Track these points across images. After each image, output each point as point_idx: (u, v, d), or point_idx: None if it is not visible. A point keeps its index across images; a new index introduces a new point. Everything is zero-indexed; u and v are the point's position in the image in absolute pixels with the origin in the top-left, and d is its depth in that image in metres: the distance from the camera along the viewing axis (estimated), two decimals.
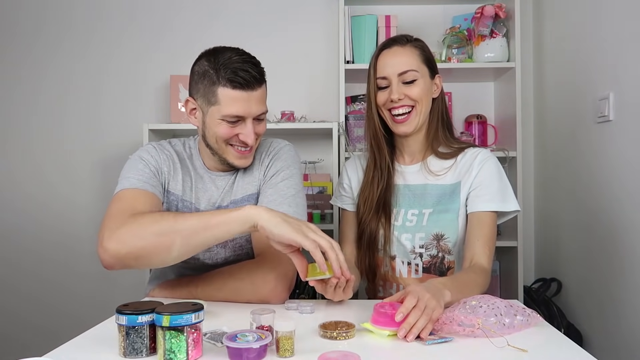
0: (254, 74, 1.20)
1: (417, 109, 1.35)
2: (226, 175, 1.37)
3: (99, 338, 0.99)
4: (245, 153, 1.27)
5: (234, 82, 1.18)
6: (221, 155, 1.28)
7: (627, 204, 1.66)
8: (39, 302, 2.46)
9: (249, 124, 1.23)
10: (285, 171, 1.34)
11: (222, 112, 1.20)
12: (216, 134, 1.24)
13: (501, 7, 2.21)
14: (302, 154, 2.42)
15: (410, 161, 1.45)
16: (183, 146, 1.39)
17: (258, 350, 0.83)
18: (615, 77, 1.73)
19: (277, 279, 1.19)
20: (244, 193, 1.35)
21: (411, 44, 1.38)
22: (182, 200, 1.30)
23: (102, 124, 2.47)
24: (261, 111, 1.24)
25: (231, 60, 1.19)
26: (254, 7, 2.47)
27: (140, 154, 1.29)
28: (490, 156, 1.39)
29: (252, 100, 1.21)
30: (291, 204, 1.29)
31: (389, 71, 1.35)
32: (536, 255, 2.41)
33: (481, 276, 1.24)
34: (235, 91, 1.18)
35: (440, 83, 1.42)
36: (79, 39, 2.48)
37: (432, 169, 1.40)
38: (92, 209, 2.46)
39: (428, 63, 1.38)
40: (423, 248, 1.36)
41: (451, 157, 1.40)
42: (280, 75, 2.45)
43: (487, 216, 1.32)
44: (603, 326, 1.84)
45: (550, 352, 0.92)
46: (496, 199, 1.33)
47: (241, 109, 1.20)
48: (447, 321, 0.97)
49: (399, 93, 1.33)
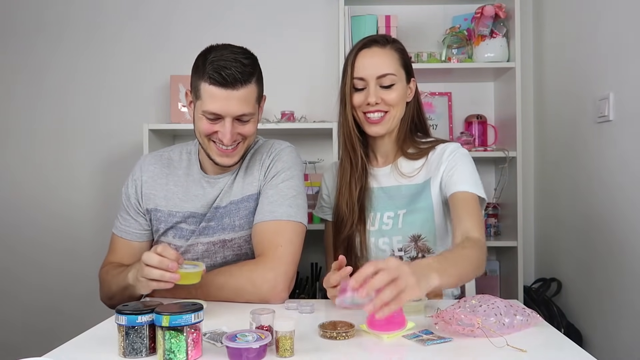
0: (237, 73, 1.19)
1: (390, 113, 1.34)
2: (224, 176, 1.38)
3: (99, 338, 0.99)
4: (226, 152, 1.28)
5: (213, 79, 1.19)
6: (206, 151, 1.30)
7: (627, 204, 1.66)
8: (39, 302, 2.46)
9: (227, 123, 1.23)
10: (286, 172, 1.35)
11: (202, 108, 1.23)
12: (198, 128, 1.27)
13: (501, 7, 2.21)
14: (302, 154, 2.40)
15: (383, 163, 1.44)
16: (180, 154, 1.44)
17: (258, 350, 0.83)
18: (615, 77, 1.73)
19: (277, 279, 1.20)
20: (243, 194, 1.36)
21: (391, 46, 1.35)
22: (168, 214, 1.37)
23: (102, 123, 2.47)
24: (242, 112, 1.23)
25: (221, 58, 1.20)
26: (254, 7, 2.46)
27: (127, 183, 1.41)
28: (460, 148, 1.36)
29: (232, 99, 1.21)
30: (292, 205, 1.30)
31: (367, 73, 1.32)
32: (536, 255, 2.41)
33: (476, 248, 1.16)
34: (214, 88, 1.20)
35: (414, 87, 1.40)
36: (79, 39, 2.48)
37: (403, 171, 1.39)
38: (92, 209, 2.46)
39: (406, 67, 1.36)
40: (402, 251, 1.35)
41: (420, 156, 1.39)
42: (281, 75, 2.45)
43: (468, 195, 1.27)
44: (603, 326, 1.84)
45: (550, 352, 0.92)
46: (471, 182, 1.29)
47: (218, 107, 1.21)
48: (447, 320, 0.97)
49: (376, 97, 1.31)
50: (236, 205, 1.35)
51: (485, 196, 1.31)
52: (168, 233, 1.38)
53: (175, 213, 1.36)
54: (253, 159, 1.40)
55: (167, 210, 1.37)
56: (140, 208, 1.40)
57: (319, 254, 1.93)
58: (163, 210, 1.37)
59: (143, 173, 1.40)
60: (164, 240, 1.38)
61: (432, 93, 2.40)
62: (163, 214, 1.37)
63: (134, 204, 1.40)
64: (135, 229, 1.40)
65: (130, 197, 1.40)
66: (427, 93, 2.39)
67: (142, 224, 1.40)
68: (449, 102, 2.41)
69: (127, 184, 1.42)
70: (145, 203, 1.39)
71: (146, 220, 1.40)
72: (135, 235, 1.40)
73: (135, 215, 1.40)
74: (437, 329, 0.99)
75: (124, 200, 1.42)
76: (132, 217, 1.40)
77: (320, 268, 2.33)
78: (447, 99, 2.41)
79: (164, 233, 1.38)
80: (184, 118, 2.25)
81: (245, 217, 1.35)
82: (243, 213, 1.35)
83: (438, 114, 2.40)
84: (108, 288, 1.31)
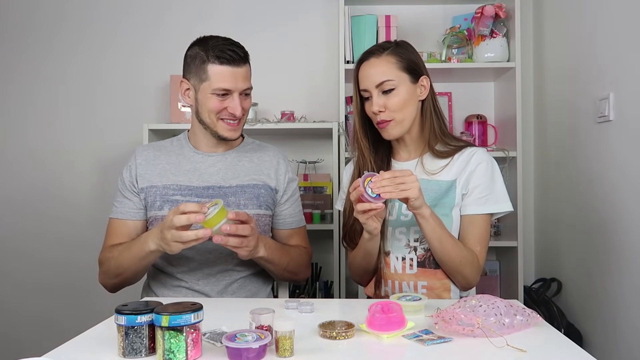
0: (239, 52, 1.39)
1: (397, 118, 1.37)
2: (216, 155, 1.51)
3: (99, 338, 0.99)
4: (234, 125, 1.45)
5: (221, 58, 1.37)
6: (213, 129, 1.45)
7: (627, 204, 1.66)
8: (39, 301, 2.46)
9: (236, 97, 1.41)
10: (296, 185, 1.61)
11: (212, 87, 1.39)
12: (208, 108, 1.42)
13: (501, 7, 2.21)
14: (302, 154, 2.42)
15: (407, 158, 1.47)
16: (171, 142, 1.57)
17: (257, 350, 0.83)
18: (615, 77, 1.73)
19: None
20: (251, 181, 1.50)
21: (387, 53, 1.38)
22: (163, 187, 1.47)
23: (102, 123, 2.47)
24: (246, 86, 1.43)
25: (218, 43, 1.39)
26: (254, 8, 2.47)
27: (122, 172, 1.52)
28: (486, 157, 1.40)
29: (238, 75, 1.39)
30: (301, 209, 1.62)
31: (367, 83, 1.38)
32: (536, 255, 2.41)
33: (469, 251, 1.33)
34: (223, 66, 1.38)
35: (427, 84, 1.42)
36: (78, 39, 2.48)
37: (428, 168, 1.41)
38: (92, 209, 2.45)
39: (408, 69, 1.38)
40: (418, 242, 1.37)
41: (448, 155, 1.41)
42: (281, 75, 2.45)
43: (477, 218, 1.37)
44: (603, 326, 1.84)
45: (550, 352, 0.92)
46: (489, 202, 1.36)
47: (228, 83, 1.39)
48: (447, 320, 0.97)
49: (378, 105, 1.36)
50: (242, 189, 1.48)
51: (506, 208, 1.38)
52: (164, 207, 1.44)
53: (169, 186, 1.46)
54: (260, 158, 1.55)
55: (162, 185, 1.47)
56: (135, 188, 1.48)
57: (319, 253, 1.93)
58: (158, 185, 1.47)
59: (137, 158, 1.51)
60: (159, 214, 1.44)
61: None
62: (158, 188, 1.46)
63: (129, 186, 1.49)
64: (129, 208, 1.48)
65: (125, 180, 1.50)
66: None
67: (136, 203, 1.48)
68: (449, 102, 2.41)
69: (122, 172, 1.52)
70: (140, 183, 1.48)
71: (140, 199, 1.48)
72: (129, 214, 1.48)
73: (130, 196, 1.48)
74: (437, 328, 0.99)
75: (120, 185, 1.51)
76: (127, 197, 1.49)
77: (321, 268, 2.33)
78: (447, 99, 2.41)
79: (160, 206, 1.45)
80: (184, 118, 2.25)
81: (249, 199, 1.48)
82: (248, 195, 1.49)
83: None
84: (117, 265, 1.38)
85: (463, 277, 1.33)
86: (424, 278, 1.36)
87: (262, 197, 1.49)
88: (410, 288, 1.37)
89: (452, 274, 1.34)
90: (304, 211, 1.68)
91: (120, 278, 1.41)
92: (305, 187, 2.29)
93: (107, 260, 1.41)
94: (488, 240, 1.39)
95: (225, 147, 1.52)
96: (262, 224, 1.49)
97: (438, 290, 1.36)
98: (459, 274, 1.33)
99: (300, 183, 2.26)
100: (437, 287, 1.36)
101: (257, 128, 2.18)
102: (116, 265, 1.38)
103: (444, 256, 1.30)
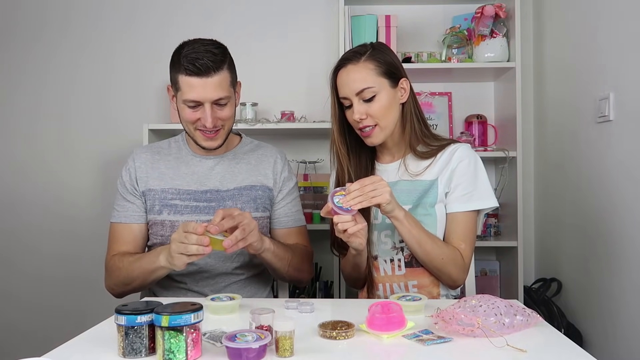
0: (209, 62, 1.33)
1: (380, 124, 1.35)
2: (212, 158, 1.50)
3: (98, 338, 0.99)
4: (210, 136, 1.41)
5: (188, 70, 1.33)
6: (192, 137, 1.44)
7: (627, 204, 1.66)
8: (39, 302, 2.46)
9: (207, 108, 1.36)
10: (293, 184, 1.59)
11: (183, 97, 1.36)
12: (184, 118, 1.40)
13: (501, 7, 2.21)
14: (302, 154, 2.42)
15: (390, 160, 1.46)
16: (169, 143, 1.56)
17: (257, 350, 0.83)
18: (615, 77, 1.73)
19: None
20: (249, 182, 1.49)
21: (365, 59, 1.34)
22: (162, 191, 1.46)
23: (102, 123, 2.47)
24: (219, 96, 1.36)
25: (193, 51, 1.34)
26: (254, 8, 2.46)
27: (121, 174, 1.50)
28: (468, 153, 1.39)
29: (208, 86, 1.34)
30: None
31: (347, 91, 1.35)
32: (536, 255, 2.41)
33: (451, 249, 1.33)
34: (191, 78, 1.33)
35: (407, 86, 1.39)
36: (79, 39, 2.48)
37: (411, 169, 1.40)
38: (92, 209, 2.45)
39: (387, 73, 1.35)
40: (403, 242, 1.36)
41: (430, 155, 1.40)
42: (281, 75, 2.45)
43: (461, 216, 1.37)
44: (603, 326, 1.83)
45: (550, 352, 0.92)
46: (472, 199, 1.36)
47: (196, 94, 1.34)
48: (447, 320, 0.96)
49: (360, 113, 1.34)
50: (239, 192, 1.47)
51: (491, 204, 1.39)
52: (163, 211, 1.44)
53: (167, 189, 1.46)
54: (258, 158, 1.53)
55: (160, 189, 1.46)
56: (136, 191, 1.47)
57: (319, 253, 1.93)
58: (156, 189, 1.46)
59: (135, 161, 1.50)
60: (158, 218, 1.44)
61: (432, 93, 2.40)
62: (157, 192, 1.46)
63: (130, 189, 1.47)
64: (133, 212, 1.46)
65: (125, 183, 1.48)
66: (427, 93, 2.39)
67: (139, 206, 1.47)
68: (449, 102, 2.41)
69: (121, 175, 1.50)
70: (141, 186, 1.47)
71: (142, 202, 1.47)
72: (133, 217, 1.46)
73: (132, 199, 1.47)
74: (437, 328, 0.99)
75: (120, 188, 1.49)
76: (130, 201, 1.47)
77: (321, 268, 2.33)
78: (447, 99, 2.41)
79: (159, 211, 1.44)
80: None
81: (247, 202, 1.47)
82: (246, 199, 1.48)
83: (438, 114, 2.40)
84: (127, 275, 1.37)
85: (448, 276, 1.33)
86: (413, 277, 1.37)
87: (259, 199, 1.49)
88: (401, 289, 1.37)
89: (437, 273, 1.34)
90: (304, 211, 1.67)
91: (129, 287, 1.41)
92: (305, 187, 2.29)
93: (117, 269, 1.40)
94: (474, 237, 1.39)
95: (222, 149, 1.50)
96: (259, 226, 1.46)
97: (429, 287, 1.37)
98: (443, 273, 1.33)
99: (300, 183, 2.26)
100: (427, 284, 1.37)
101: (257, 128, 2.19)
102: (126, 275, 1.38)
103: (424, 256, 1.31)
